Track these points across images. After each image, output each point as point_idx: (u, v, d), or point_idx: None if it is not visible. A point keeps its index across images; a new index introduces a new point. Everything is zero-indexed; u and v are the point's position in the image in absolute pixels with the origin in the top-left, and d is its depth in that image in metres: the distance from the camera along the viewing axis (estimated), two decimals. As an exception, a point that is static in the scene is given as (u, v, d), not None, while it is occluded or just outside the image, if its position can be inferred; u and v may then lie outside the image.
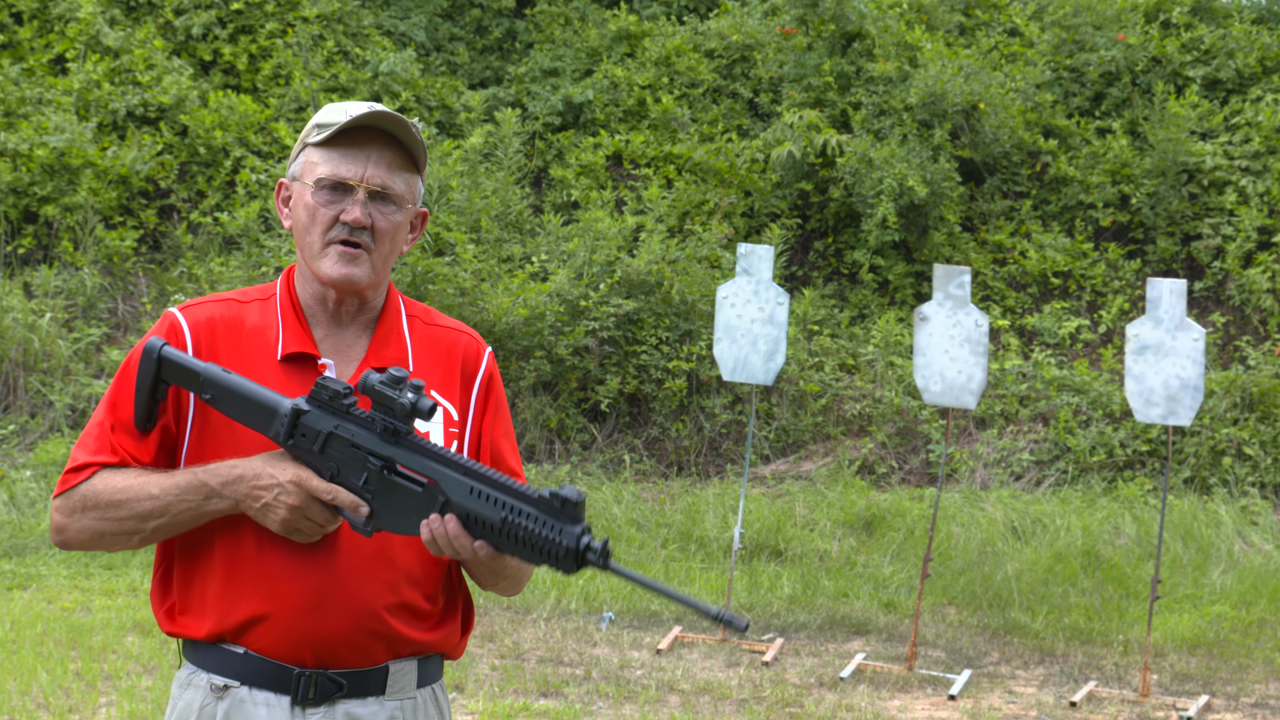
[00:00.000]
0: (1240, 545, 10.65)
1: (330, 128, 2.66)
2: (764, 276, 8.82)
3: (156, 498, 2.58)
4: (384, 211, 2.67)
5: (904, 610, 9.14)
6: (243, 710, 2.63)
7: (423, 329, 2.79)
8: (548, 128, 14.40)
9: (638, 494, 11.28)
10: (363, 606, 2.61)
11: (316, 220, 2.66)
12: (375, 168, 2.66)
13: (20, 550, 9.61)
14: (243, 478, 2.56)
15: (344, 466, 2.53)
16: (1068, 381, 12.13)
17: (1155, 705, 7.50)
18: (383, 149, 2.67)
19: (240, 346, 2.68)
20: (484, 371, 2.80)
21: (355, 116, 2.64)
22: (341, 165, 2.65)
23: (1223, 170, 13.34)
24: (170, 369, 2.61)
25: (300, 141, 2.72)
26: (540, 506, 2.40)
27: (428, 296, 11.95)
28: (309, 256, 2.68)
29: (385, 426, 2.51)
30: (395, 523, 2.53)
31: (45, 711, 6.55)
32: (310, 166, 2.68)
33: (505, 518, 2.42)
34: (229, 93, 13.73)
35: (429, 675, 2.74)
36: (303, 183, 2.68)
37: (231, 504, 2.57)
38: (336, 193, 2.66)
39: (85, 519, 2.63)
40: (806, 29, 14.50)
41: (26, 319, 11.82)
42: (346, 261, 2.65)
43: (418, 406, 2.48)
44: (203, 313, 2.71)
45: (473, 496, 2.45)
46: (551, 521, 2.39)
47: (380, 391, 2.49)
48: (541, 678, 7.42)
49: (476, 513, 2.45)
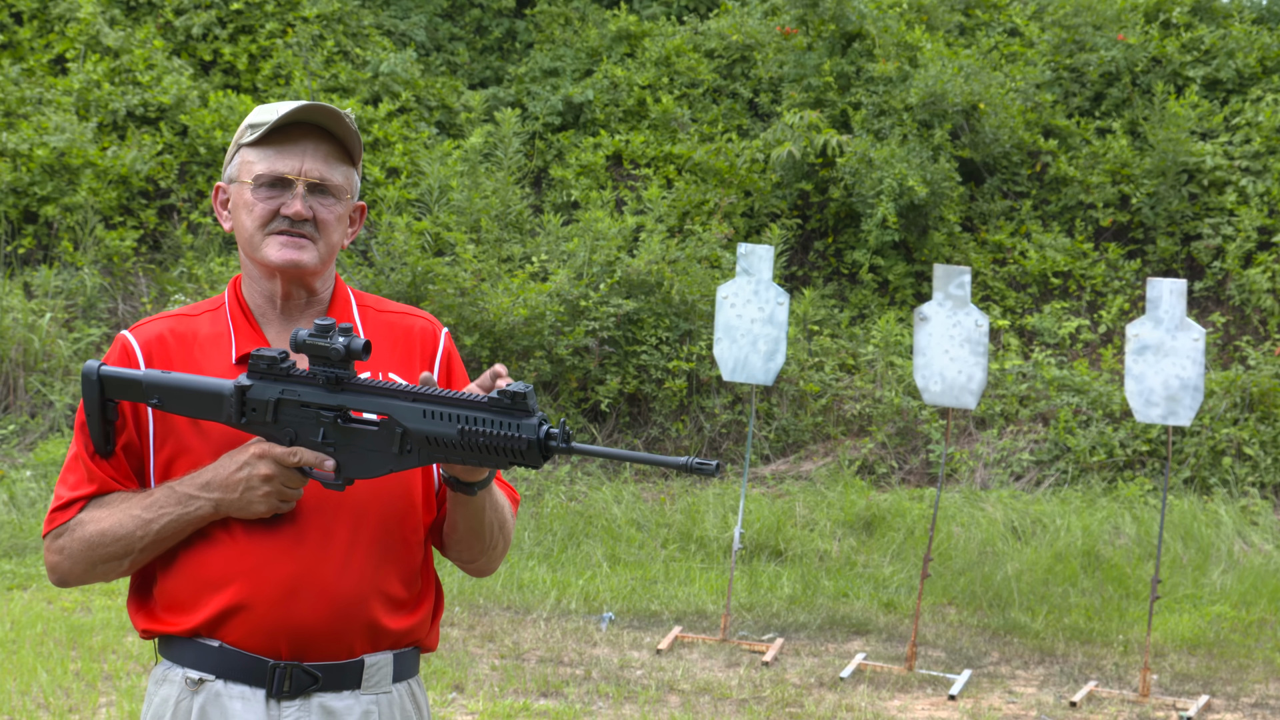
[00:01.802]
0: (1240, 545, 10.65)
1: (263, 127, 2.68)
2: (764, 276, 8.82)
3: (139, 517, 2.61)
4: (324, 204, 2.70)
5: (904, 610, 9.14)
6: (218, 704, 2.63)
7: (375, 316, 2.82)
8: (548, 128, 14.40)
9: (638, 494, 11.28)
10: (338, 594, 2.63)
11: (255, 215, 2.68)
12: (312, 161, 2.69)
13: (20, 550, 9.61)
14: (215, 478, 2.59)
15: (299, 428, 2.57)
16: (1068, 381, 12.13)
17: (1155, 705, 7.50)
18: (318, 143, 2.70)
19: (194, 357, 2.71)
20: (443, 350, 2.83)
21: (287, 112, 2.66)
22: (278, 161, 2.68)
23: (1223, 170, 13.34)
24: (112, 385, 2.64)
25: (234, 144, 2.74)
26: (492, 409, 2.46)
27: (428, 297, 11.95)
28: (252, 250, 2.71)
29: (327, 378, 2.55)
30: (363, 468, 2.57)
31: (45, 711, 6.55)
32: (246, 166, 2.70)
33: (463, 429, 2.47)
34: (229, 93, 13.73)
35: (405, 670, 2.74)
36: (240, 182, 2.71)
37: (212, 506, 2.59)
38: (275, 189, 2.68)
39: (77, 559, 2.68)
40: (806, 29, 14.50)
41: (26, 319, 11.83)
42: (292, 248, 2.68)
43: (351, 348, 2.52)
44: (153, 330, 2.74)
45: (427, 419, 2.49)
46: (506, 420, 2.44)
47: (312, 344, 2.53)
48: (541, 678, 7.42)
49: (434, 433, 2.50)
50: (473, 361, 11.95)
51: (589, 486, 11.36)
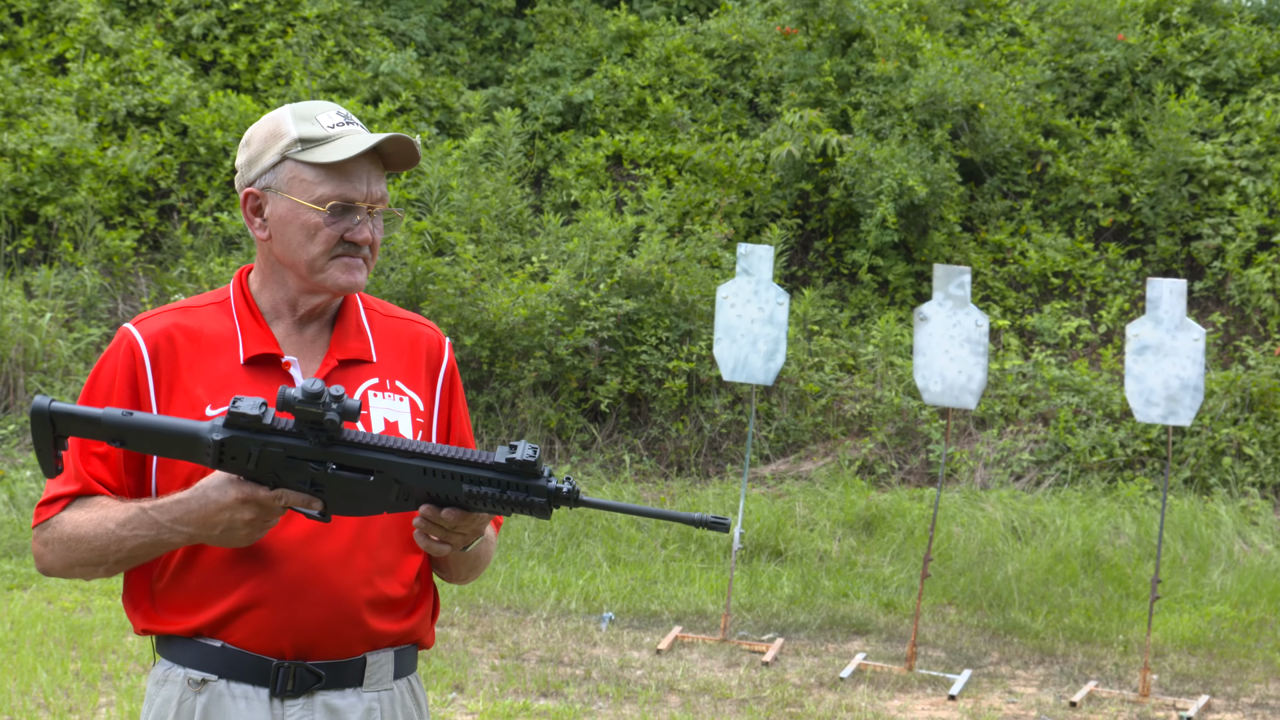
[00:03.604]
0: (1240, 545, 10.65)
1: (319, 143, 2.65)
2: (764, 276, 8.82)
3: (113, 533, 2.58)
4: (379, 225, 2.72)
5: (904, 610, 9.14)
6: (221, 704, 2.63)
7: (382, 320, 2.82)
8: (548, 128, 14.40)
9: (638, 494, 11.28)
10: (341, 595, 2.63)
11: (319, 238, 2.65)
12: (375, 184, 2.69)
13: (20, 550, 9.61)
14: (189, 513, 2.52)
15: (284, 474, 2.49)
16: (1068, 381, 12.12)
17: (1155, 705, 7.50)
18: (373, 162, 2.70)
19: (202, 354, 2.68)
20: (447, 364, 2.84)
21: (371, 145, 2.63)
22: (347, 187, 2.66)
23: (1223, 170, 13.34)
24: (66, 423, 2.51)
25: (276, 152, 2.67)
26: (498, 471, 2.43)
27: (428, 297, 11.95)
28: (310, 272, 2.67)
29: (317, 438, 2.46)
30: (353, 509, 2.52)
31: (45, 711, 6.55)
32: (303, 185, 2.65)
33: (469, 491, 2.45)
34: (229, 93, 13.73)
35: (405, 667, 2.76)
36: (293, 200, 2.66)
37: (185, 539, 2.55)
38: (343, 214, 2.66)
39: (56, 554, 2.65)
40: (806, 29, 14.50)
41: (26, 319, 11.83)
42: (355, 270, 2.68)
43: (345, 414, 2.44)
44: (159, 325, 2.70)
45: (428, 477, 2.46)
46: (514, 479, 2.43)
47: (302, 411, 2.42)
48: (541, 678, 7.42)
49: (437, 493, 2.47)
50: (473, 361, 11.96)
51: (589, 486, 11.36)
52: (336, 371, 2.71)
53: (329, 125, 2.66)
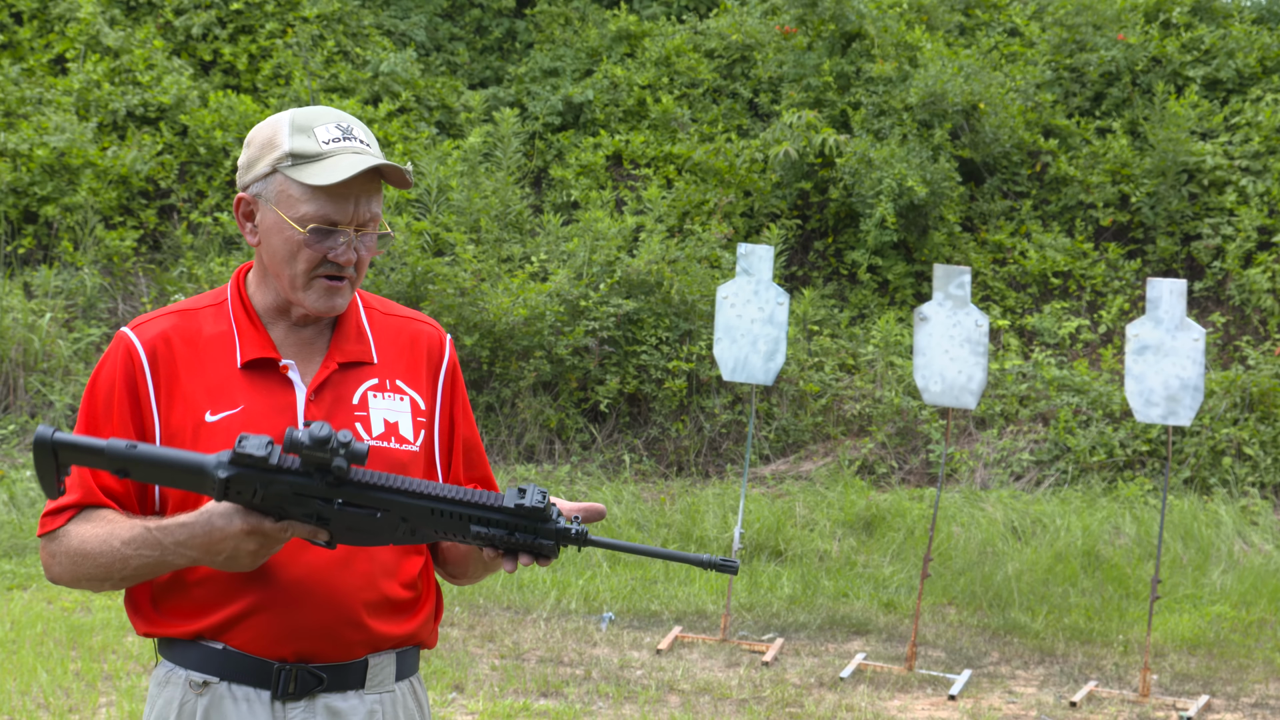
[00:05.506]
0: (1240, 545, 10.65)
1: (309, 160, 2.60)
2: (764, 276, 8.82)
3: (118, 551, 2.57)
4: (366, 242, 2.65)
5: (904, 610, 9.14)
6: (223, 706, 2.63)
7: (382, 319, 2.79)
8: (547, 128, 14.40)
9: (638, 494, 11.28)
10: (343, 599, 2.62)
11: (300, 258, 2.62)
12: (364, 206, 2.63)
13: (20, 550, 9.61)
14: (193, 537, 2.50)
15: (290, 507, 2.47)
16: (1068, 381, 12.12)
17: (1155, 705, 7.50)
18: (367, 181, 2.64)
19: (200, 358, 2.66)
20: (448, 361, 2.82)
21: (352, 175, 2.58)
22: (329, 208, 2.60)
23: (1223, 170, 13.34)
24: (69, 454, 2.45)
25: (269, 162, 2.63)
26: (506, 515, 2.44)
27: (428, 297, 11.95)
28: (290, 290, 2.65)
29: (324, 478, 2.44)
30: (357, 540, 2.51)
31: (45, 711, 6.55)
32: (289, 200, 2.61)
33: (477, 533, 2.45)
34: (229, 93, 13.73)
35: (407, 668, 2.76)
36: (279, 214, 2.62)
37: (189, 561, 2.54)
38: (326, 235, 2.62)
39: (64, 567, 2.65)
40: (806, 29, 14.50)
41: (26, 319, 11.83)
42: (334, 294, 2.64)
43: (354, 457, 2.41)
44: (156, 329, 2.68)
45: (435, 518, 2.46)
46: (522, 524, 2.44)
47: (309, 456, 2.40)
48: (541, 678, 7.42)
49: (444, 533, 2.48)
50: (473, 361, 11.96)
51: (589, 487, 11.36)
52: (336, 374, 2.70)
53: (325, 140, 2.61)
